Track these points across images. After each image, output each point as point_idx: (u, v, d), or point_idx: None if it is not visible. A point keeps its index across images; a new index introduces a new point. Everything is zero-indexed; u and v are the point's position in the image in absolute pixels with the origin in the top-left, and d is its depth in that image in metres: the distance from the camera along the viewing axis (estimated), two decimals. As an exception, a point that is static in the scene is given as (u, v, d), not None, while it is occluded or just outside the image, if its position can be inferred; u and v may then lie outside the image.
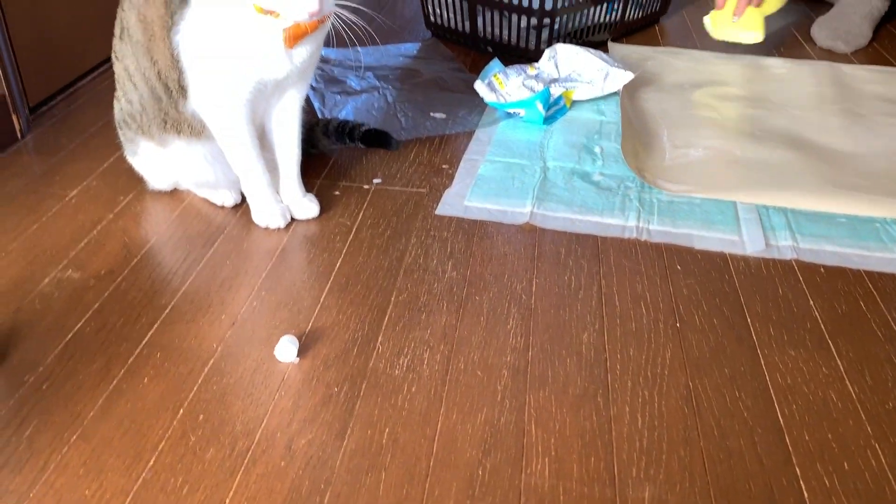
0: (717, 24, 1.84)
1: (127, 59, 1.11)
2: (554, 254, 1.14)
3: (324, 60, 1.78)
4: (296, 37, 1.01)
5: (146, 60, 1.08)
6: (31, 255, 1.10)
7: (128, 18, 1.08)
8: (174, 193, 1.26)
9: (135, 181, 1.26)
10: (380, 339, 0.97)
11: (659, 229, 1.20)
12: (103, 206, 1.22)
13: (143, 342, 0.95)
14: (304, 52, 1.06)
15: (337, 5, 1.00)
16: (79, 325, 0.98)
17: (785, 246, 1.16)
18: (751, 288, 1.07)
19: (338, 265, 1.11)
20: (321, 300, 1.03)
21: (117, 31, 1.11)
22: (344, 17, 1.01)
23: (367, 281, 1.07)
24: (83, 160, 1.35)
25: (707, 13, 1.87)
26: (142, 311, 1.00)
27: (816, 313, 1.03)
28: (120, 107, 1.17)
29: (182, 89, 1.08)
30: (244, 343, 0.95)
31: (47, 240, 1.14)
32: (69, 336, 0.96)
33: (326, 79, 1.69)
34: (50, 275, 1.06)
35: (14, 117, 1.39)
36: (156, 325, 0.98)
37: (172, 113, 1.11)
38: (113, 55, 1.13)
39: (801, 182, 1.32)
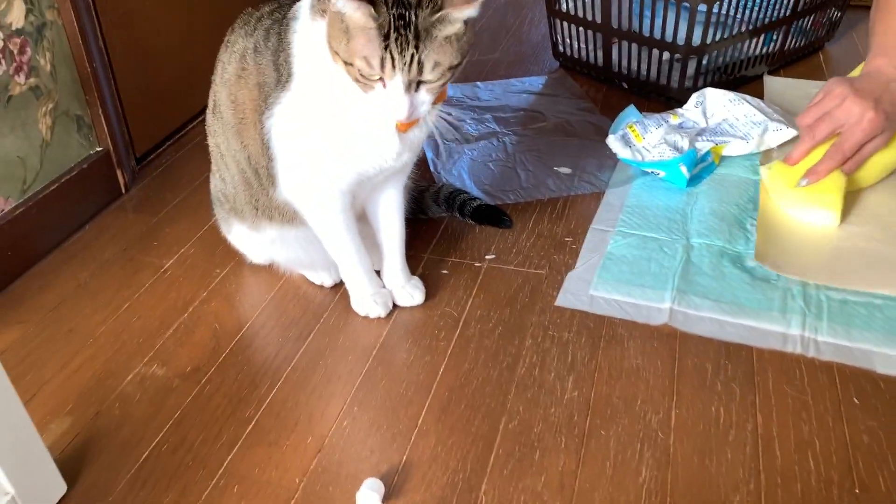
0: (777, 184, 1.24)
1: (218, 137, 1.01)
2: (698, 371, 0.95)
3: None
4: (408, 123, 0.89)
5: (236, 143, 0.98)
6: (119, 343, 1.03)
7: (219, 95, 0.98)
8: (272, 267, 1.16)
9: (232, 251, 1.17)
10: (483, 486, 0.82)
11: (829, 342, 0.99)
12: (198, 280, 1.14)
13: (221, 469, 0.85)
14: (417, 136, 0.93)
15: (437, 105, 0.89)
16: (156, 440, 0.89)
17: None
18: (957, 444, 0.85)
19: (440, 373, 0.97)
20: (419, 422, 0.90)
21: (210, 104, 1.01)
22: (443, 117, 0.91)
23: (472, 398, 0.93)
24: (183, 220, 1.28)
25: (770, 161, 1.29)
26: (224, 424, 0.91)
27: None
28: (215, 183, 1.08)
29: (271, 177, 0.97)
30: (329, 480, 0.83)
31: (136, 323, 1.07)
32: (145, 454, 0.87)
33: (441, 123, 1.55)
34: (134, 370, 0.99)
35: (119, 172, 1.34)
36: (237, 447, 0.88)
37: (263, 199, 1.00)
38: (207, 128, 1.04)
39: None
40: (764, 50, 1.64)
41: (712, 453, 0.85)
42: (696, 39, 1.49)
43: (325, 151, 0.92)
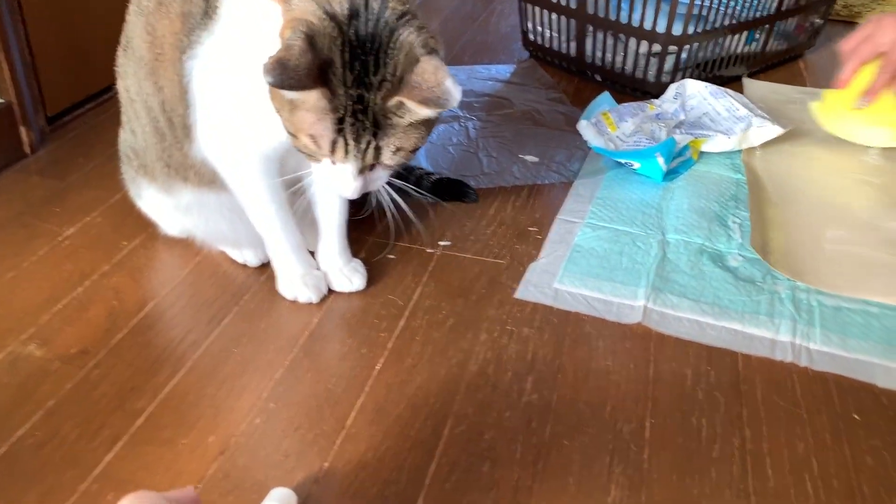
0: (832, 111, 1.27)
1: (128, 79, 0.86)
2: (677, 377, 0.82)
3: (399, 79, 1.51)
4: None
5: (149, 84, 0.82)
6: (-6, 317, 0.86)
7: (133, 27, 0.83)
8: (190, 241, 1.00)
9: (145, 222, 1.01)
10: (420, 501, 0.67)
11: (823, 350, 0.87)
12: (101, 252, 0.98)
13: (97, 471, 0.69)
14: None
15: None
16: (21, 433, 0.72)
17: None
18: (975, 470, 0.73)
19: (378, 368, 0.82)
20: (347, 424, 0.75)
21: (122, 40, 0.86)
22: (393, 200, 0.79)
23: (413, 398, 0.78)
24: (94, 187, 1.11)
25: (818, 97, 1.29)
26: (108, 417, 0.74)
27: None
28: (123, 136, 0.93)
29: (187, 128, 0.82)
30: (230, 488, 0.68)
31: (20, 295, 0.90)
32: (2, 449, 0.70)
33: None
34: (7, 348, 0.82)
35: (23, 129, 1.16)
36: (120, 444, 0.71)
37: (177, 155, 0.85)
38: (116, 69, 0.89)
39: None
40: (745, 49, 1.54)
41: (694, 471, 0.71)
42: (677, 30, 1.38)
43: (248, 110, 0.77)
